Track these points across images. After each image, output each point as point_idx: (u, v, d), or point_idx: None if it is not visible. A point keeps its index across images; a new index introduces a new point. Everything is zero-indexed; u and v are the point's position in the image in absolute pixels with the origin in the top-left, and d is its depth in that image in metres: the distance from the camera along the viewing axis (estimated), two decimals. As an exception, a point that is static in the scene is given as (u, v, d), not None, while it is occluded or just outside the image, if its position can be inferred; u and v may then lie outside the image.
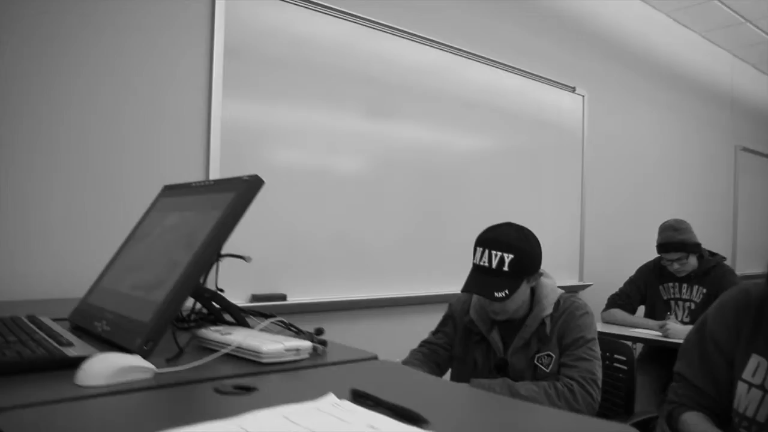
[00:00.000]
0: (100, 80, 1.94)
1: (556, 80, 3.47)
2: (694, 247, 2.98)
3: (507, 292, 1.58)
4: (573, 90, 3.57)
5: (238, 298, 2.17)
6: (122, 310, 0.98)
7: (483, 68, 3.08)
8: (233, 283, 1.37)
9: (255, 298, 2.24)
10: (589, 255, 3.72)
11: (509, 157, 3.28)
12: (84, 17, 1.90)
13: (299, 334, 1.04)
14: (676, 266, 3.00)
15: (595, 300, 2.79)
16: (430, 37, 2.83)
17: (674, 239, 2.97)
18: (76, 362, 0.76)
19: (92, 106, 1.93)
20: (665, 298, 3.11)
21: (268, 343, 0.90)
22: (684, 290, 3.07)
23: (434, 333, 1.88)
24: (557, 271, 3.57)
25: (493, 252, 1.60)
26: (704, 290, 3.00)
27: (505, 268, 1.58)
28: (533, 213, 3.41)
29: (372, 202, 2.64)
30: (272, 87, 2.31)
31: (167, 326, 0.88)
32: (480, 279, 1.61)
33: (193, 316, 1.13)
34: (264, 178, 0.96)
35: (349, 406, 0.68)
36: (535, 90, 3.36)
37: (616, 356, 2.01)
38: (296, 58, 2.38)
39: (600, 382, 1.60)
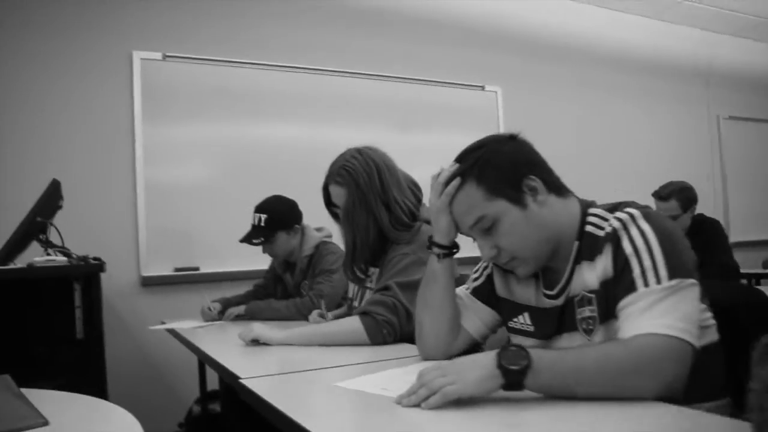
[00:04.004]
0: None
1: (462, 82, 4.05)
2: None
3: (262, 239, 2.35)
4: (482, 88, 4.12)
5: (165, 269, 3.12)
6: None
7: (388, 85, 3.78)
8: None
9: (176, 269, 3.16)
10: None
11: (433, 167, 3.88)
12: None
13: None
14: None
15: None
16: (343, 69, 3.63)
17: None
18: None
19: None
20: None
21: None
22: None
23: (263, 278, 2.68)
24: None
25: (256, 214, 2.39)
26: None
27: (262, 224, 2.36)
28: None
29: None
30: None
31: None
32: (249, 233, 2.40)
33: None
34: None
35: None
36: (443, 95, 3.97)
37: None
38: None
39: (324, 296, 2.27)
